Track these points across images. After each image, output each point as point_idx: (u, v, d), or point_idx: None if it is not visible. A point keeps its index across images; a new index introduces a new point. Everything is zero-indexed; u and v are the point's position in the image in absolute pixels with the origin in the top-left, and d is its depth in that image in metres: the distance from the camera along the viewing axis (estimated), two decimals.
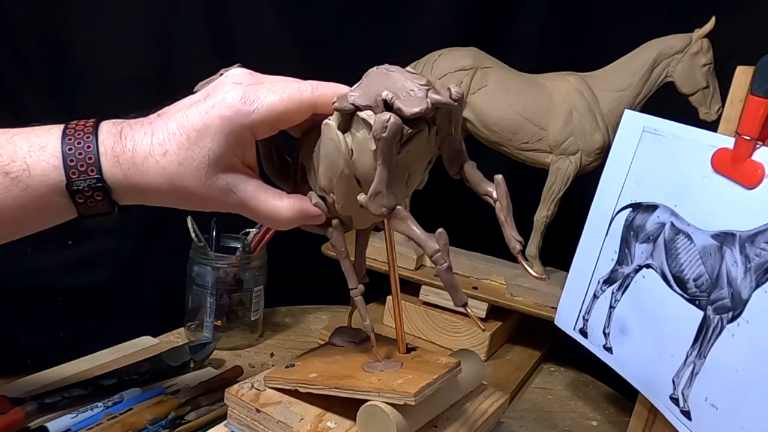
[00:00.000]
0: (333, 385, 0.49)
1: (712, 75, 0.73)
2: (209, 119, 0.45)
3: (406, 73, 0.45)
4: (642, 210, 0.60)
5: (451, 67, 0.80)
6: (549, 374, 0.85)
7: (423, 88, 0.43)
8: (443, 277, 0.46)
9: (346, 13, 0.94)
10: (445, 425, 0.52)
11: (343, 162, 0.45)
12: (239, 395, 0.52)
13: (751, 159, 0.50)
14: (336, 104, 0.45)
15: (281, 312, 0.92)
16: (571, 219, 0.71)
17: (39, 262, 0.84)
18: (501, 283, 0.84)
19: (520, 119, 0.79)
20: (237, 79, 0.47)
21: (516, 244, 0.46)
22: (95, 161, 0.44)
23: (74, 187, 0.44)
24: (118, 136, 0.45)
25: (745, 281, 0.49)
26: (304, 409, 0.50)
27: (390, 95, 0.42)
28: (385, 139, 0.42)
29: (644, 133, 0.61)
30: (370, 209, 0.45)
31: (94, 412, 0.59)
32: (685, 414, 0.53)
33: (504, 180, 0.46)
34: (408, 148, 0.44)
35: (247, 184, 0.48)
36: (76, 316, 0.80)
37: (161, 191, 0.46)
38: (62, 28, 0.80)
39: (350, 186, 0.47)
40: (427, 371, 0.50)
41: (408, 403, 0.46)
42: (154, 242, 0.89)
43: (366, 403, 0.48)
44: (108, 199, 0.46)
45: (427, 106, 0.42)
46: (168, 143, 0.45)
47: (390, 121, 0.42)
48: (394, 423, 0.46)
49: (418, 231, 0.45)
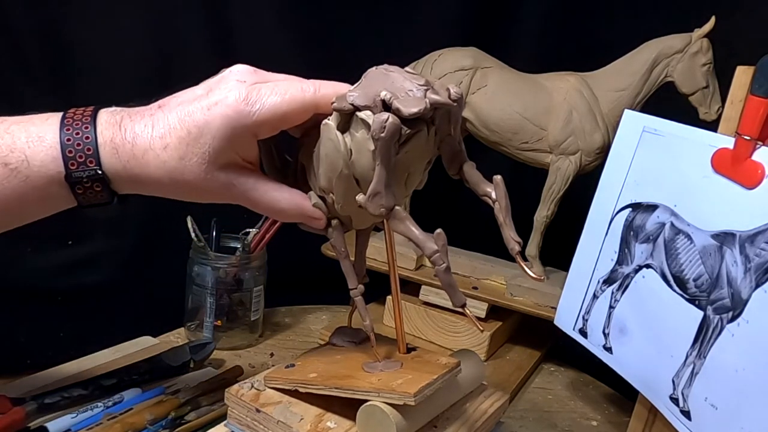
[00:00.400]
0: (333, 385, 0.49)
1: (711, 75, 0.73)
2: (211, 117, 0.45)
3: (405, 73, 0.45)
4: (642, 210, 0.60)
5: (451, 67, 0.80)
6: (549, 374, 0.85)
7: (422, 89, 0.43)
8: (442, 278, 0.46)
9: (346, 13, 0.93)
10: (445, 425, 0.52)
11: (342, 162, 0.45)
12: (239, 395, 0.52)
13: (751, 159, 0.50)
14: (335, 104, 0.45)
15: (281, 312, 0.92)
16: (571, 219, 0.71)
17: (39, 262, 0.84)
18: (501, 283, 0.84)
19: (520, 119, 0.79)
20: (240, 76, 0.47)
21: (515, 245, 0.46)
22: (94, 152, 0.44)
23: (73, 178, 0.44)
24: (117, 126, 0.45)
25: (745, 281, 0.49)
26: (304, 409, 0.50)
27: (388, 95, 0.42)
28: (383, 139, 0.42)
29: (644, 133, 0.61)
30: (369, 209, 0.45)
31: (94, 412, 0.59)
32: (685, 414, 0.53)
33: (503, 180, 0.46)
34: (407, 149, 0.44)
35: (247, 178, 0.48)
36: (76, 316, 0.80)
37: (161, 183, 0.46)
38: (62, 28, 0.79)
39: (349, 186, 0.47)
40: (426, 371, 0.50)
41: (408, 404, 0.46)
42: (154, 242, 0.89)
43: (365, 404, 0.48)
44: (107, 189, 0.46)
45: (425, 107, 0.42)
46: (169, 137, 0.45)
47: (388, 122, 0.41)
48: (393, 423, 0.46)
49: (416, 231, 0.45)
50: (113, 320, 0.80)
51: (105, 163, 0.45)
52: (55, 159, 0.44)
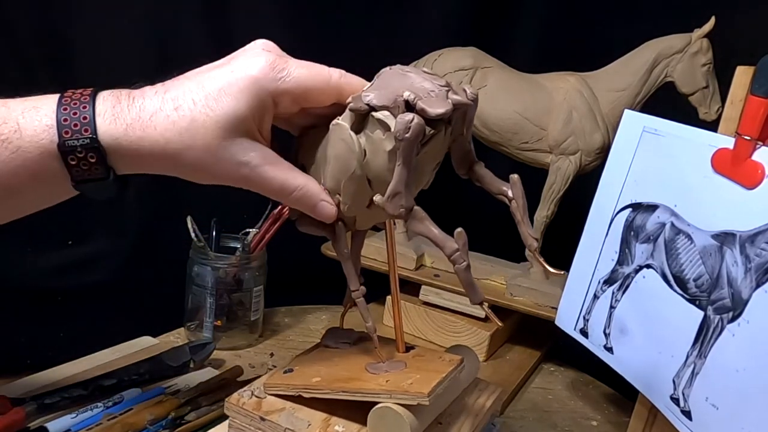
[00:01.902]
0: (340, 388, 0.49)
1: (711, 75, 0.73)
2: (234, 78, 0.43)
3: (423, 73, 0.44)
4: (642, 210, 0.60)
5: (451, 67, 0.80)
6: (549, 374, 0.85)
7: (443, 89, 0.43)
8: (462, 276, 0.46)
9: (345, 13, 0.94)
10: (449, 422, 0.52)
11: (356, 163, 0.45)
12: (240, 404, 0.51)
13: (752, 159, 0.50)
14: (351, 104, 0.44)
15: (281, 312, 0.92)
16: (571, 219, 0.71)
17: (39, 262, 0.84)
18: (501, 283, 0.84)
19: (519, 119, 0.79)
20: (266, 47, 0.46)
21: (533, 242, 0.47)
22: (90, 120, 0.42)
23: (66, 147, 0.42)
24: (118, 96, 0.44)
25: (746, 281, 0.49)
26: (309, 414, 0.50)
27: (412, 96, 0.42)
28: (408, 139, 0.41)
29: (644, 133, 0.61)
30: (388, 210, 0.45)
31: (93, 412, 0.59)
32: (686, 414, 0.53)
33: (520, 180, 0.46)
34: (426, 149, 0.44)
35: (260, 153, 0.45)
36: (76, 316, 0.80)
37: (164, 154, 0.43)
38: (62, 28, 0.80)
39: (360, 187, 0.46)
40: (433, 370, 0.49)
41: (422, 404, 0.46)
42: (154, 242, 0.89)
43: (377, 405, 0.47)
44: (102, 163, 0.43)
45: (450, 107, 0.42)
46: (182, 99, 0.43)
47: (414, 122, 0.41)
48: (407, 424, 0.46)
49: (436, 231, 0.45)
50: (113, 320, 0.80)
51: (102, 133, 0.42)
52: (49, 128, 0.42)
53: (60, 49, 0.80)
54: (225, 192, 0.85)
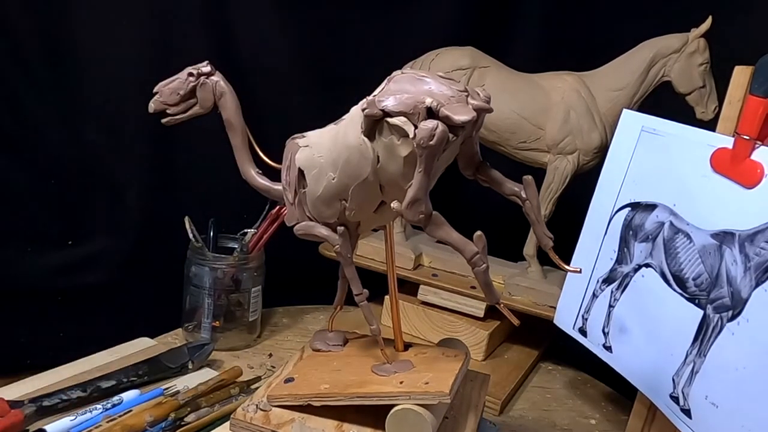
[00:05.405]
0: (354, 394, 0.48)
1: (708, 74, 0.74)
2: None
3: (439, 78, 0.44)
4: (641, 209, 0.60)
5: (449, 66, 0.80)
6: (547, 373, 0.85)
7: (462, 95, 0.42)
8: (481, 278, 0.47)
9: (345, 13, 0.93)
10: (455, 415, 0.53)
11: (370, 168, 0.45)
12: (248, 419, 0.50)
13: (750, 159, 0.50)
14: (366, 110, 0.43)
15: (279, 312, 0.92)
16: (569, 218, 0.71)
17: (39, 262, 0.83)
18: (499, 282, 0.84)
19: (517, 119, 0.79)
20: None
21: (548, 240, 0.47)
22: None
23: None
24: None
25: (745, 280, 0.49)
26: (320, 422, 0.49)
27: (435, 103, 0.41)
28: (431, 146, 0.41)
29: (642, 132, 0.62)
30: (408, 217, 0.44)
31: (93, 414, 0.59)
32: (686, 412, 0.53)
33: (533, 181, 0.46)
34: (445, 155, 0.44)
35: None
36: (76, 317, 0.80)
37: None
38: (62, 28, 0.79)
39: (370, 193, 0.46)
40: (443, 368, 0.50)
41: (443, 402, 0.46)
42: (152, 243, 0.89)
43: (397, 407, 0.47)
44: None
45: (474, 114, 0.41)
46: None
47: (438, 129, 0.40)
48: (429, 423, 0.47)
49: (455, 235, 0.45)
50: (111, 321, 0.80)
51: None
52: None
53: (60, 49, 0.80)
54: (223, 193, 0.85)
